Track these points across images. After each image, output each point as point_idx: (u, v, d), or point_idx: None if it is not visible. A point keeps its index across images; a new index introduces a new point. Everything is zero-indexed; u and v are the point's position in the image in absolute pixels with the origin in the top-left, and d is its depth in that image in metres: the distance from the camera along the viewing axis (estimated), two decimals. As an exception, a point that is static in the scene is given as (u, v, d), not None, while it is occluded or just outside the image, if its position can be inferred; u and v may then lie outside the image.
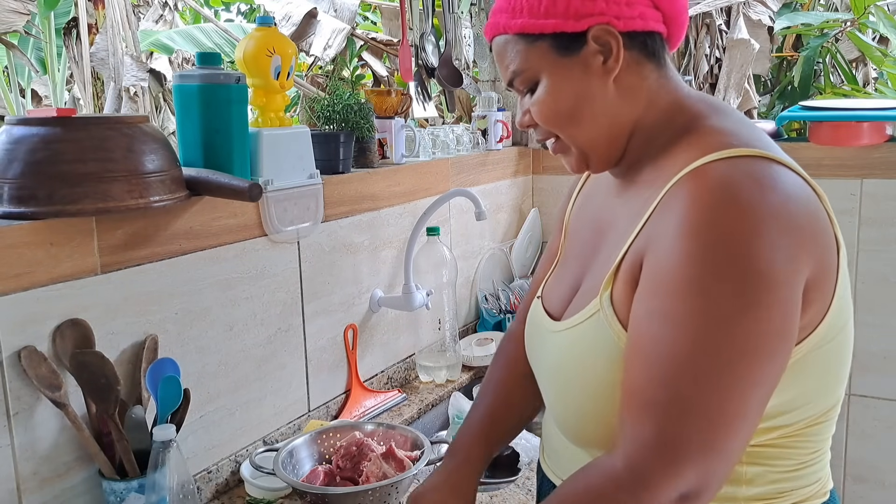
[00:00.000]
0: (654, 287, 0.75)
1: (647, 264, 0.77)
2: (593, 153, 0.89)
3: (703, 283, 0.71)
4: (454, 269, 1.86)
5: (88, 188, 1.05)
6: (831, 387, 0.83)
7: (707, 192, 0.74)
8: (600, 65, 0.83)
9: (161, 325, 1.24)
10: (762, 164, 0.76)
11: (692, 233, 0.72)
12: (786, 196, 0.74)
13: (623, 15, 0.82)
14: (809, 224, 0.75)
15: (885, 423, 2.03)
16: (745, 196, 0.72)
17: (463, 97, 2.80)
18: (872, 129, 1.93)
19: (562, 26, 0.82)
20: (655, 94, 0.86)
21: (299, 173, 1.46)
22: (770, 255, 0.70)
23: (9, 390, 1.04)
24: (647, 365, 0.74)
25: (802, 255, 0.73)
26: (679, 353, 0.71)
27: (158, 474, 1.06)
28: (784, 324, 0.72)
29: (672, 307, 0.73)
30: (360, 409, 1.65)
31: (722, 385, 0.70)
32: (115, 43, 3.64)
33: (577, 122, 0.86)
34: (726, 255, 0.71)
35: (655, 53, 0.86)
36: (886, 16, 2.73)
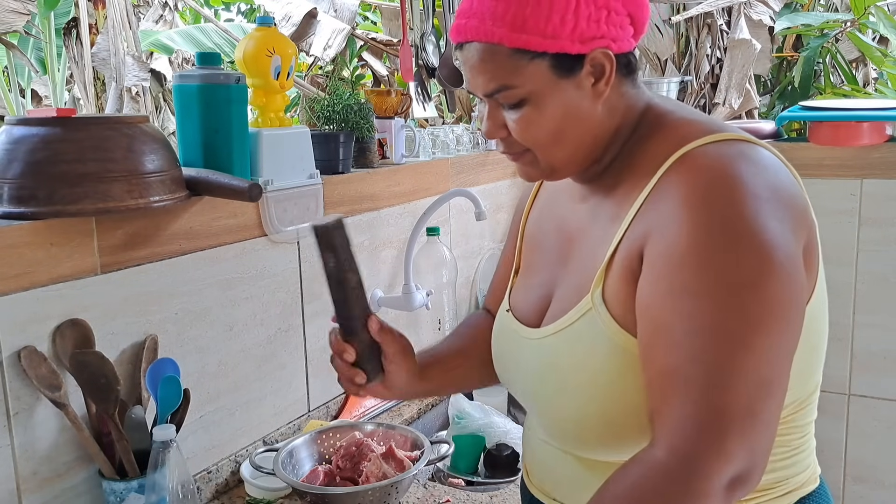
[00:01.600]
0: (668, 267, 0.74)
1: (653, 249, 0.76)
2: (564, 167, 0.88)
3: (719, 253, 0.72)
4: (454, 269, 1.86)
5: (88, 188, 1.05)
6: (812, 369, 0.85)
7: (704, 171, 0.76)
8: (590, 87, 0.82)
9: (161, 326, 1.24)
10: (746, 146, 0.79)
11: (698, 207, 0.74)
12: (775, 173, 0.78)
13: (618, 38, 0.82)
14: (799, 200, 0.78)
15: (886, 423, 2.03)
16: (741, 173, 0.75)
17: (463, 97, 2.80)
18: (872, 129, 1.93)
19: (567, 48, 0.80)
20: (630, 107, 0.87)
21: (299, 173, 1.46)
22: (775, 226, 0.72)
23: (9, 390, 1.04)
24: (674, 343, 0.72)
25: (798, 228, 0.76)
26: (707, 323, 0.71)
27: (158, 474, 1.06)
28: (796, 293, 0.74)
29: (692, 281, 0.72)
30: (359, 410, 1.65)
31: (755, 349, 0.70)
32: (117, 43, 3.63)
33: (562, 142, 0.85)
34: (736, 226, 0.72)
35: (632, 70, 0.87)
36: (887, 16, 2.73)
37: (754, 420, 0.69)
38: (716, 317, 0.71)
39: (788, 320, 0.73)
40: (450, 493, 1.34)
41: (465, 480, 1.51)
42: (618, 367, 0.79)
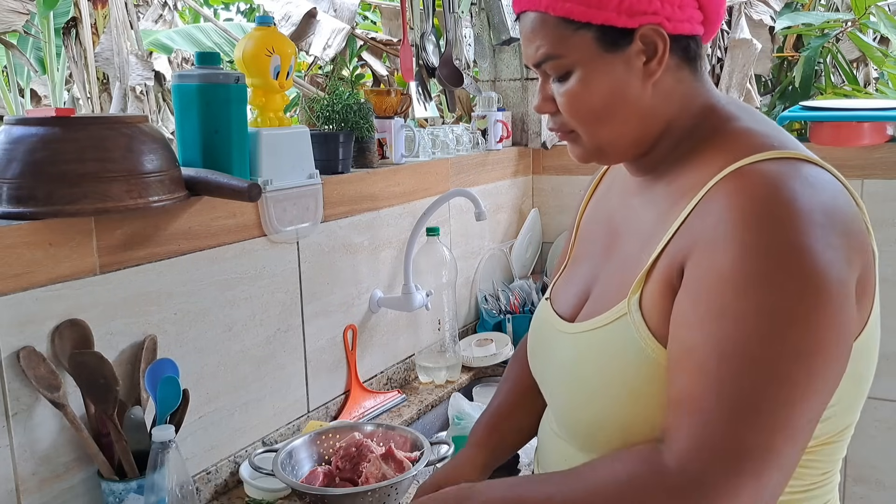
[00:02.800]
0: (708, 289, 0.71)
1: (694, 267, 0.73)
2: (612, 150, 0.86)
3: (767, 277, 0.67)
4: (454, 270, 1.86)
5: (87, 188, 1.04)
6: (852, 406, 0.80)
7: (756, 189, 0.71)
8: (641, 65, 0.80)
9: (160, 326, 1.24)
10: (804, 166, 0.74)
11: (747, 228, 0.69)
12: (833, 197, 0.72)
13: (675, 17, 0.78)
14: (856, 227, 0.73)
15: (886, 423, 2.03)
16: (796, 195, 0.70)
17: (463, 97, 2.80)
18: (873, 129, 1.93)
19: (613, 20, 0.78)
20: (689, 98, 0.83)
21: (298, 173, 1.45)
22: (828, 255, 0.68)
23: (7, 391, 1.04)
24: (706, 367, 0.69)
25: (853, 257, 0.71)
26: (745, 350, 0.67)
27: (157, 475, 1.06)
28: (844, 328, 0.69)
29: (733, 304, 0.68)
30: (359, 410, 1.64)
31: (788, 386, 0.66)
32: (120, 42, 3.64)
33: (607, 120, 0.82)
34: (787, 251, 0.68)
35: (694, 57, 0.83)
36: (887, 16, 2.73)
37: (771, 462, 0.66)
38: (752, 345, 0.67)
39: (829, 359, 0.68)
40: (450, 494, 1.34)
41: (465, 481, 1.51)
42: (645, 377, 0.77)
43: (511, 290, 2.16)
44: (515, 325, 2.08)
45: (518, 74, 2.39)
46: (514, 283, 2.21)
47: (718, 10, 0.83)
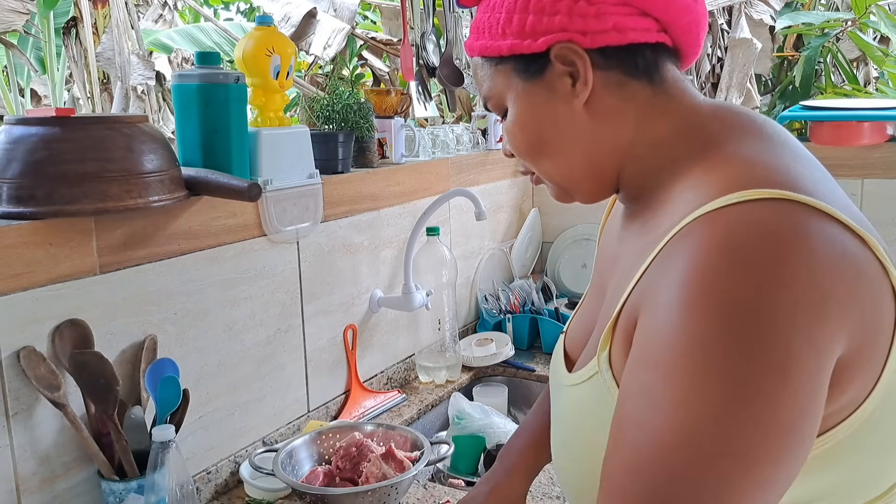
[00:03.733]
0: (644, 360, 0.62)
1: (640, 329, 0.64)
2: (573, 186, 0.79)
3: (698, 365, 0.57)
4: (454, 270, 1.86)
5: (87, 188, 1.04)
6: (886, 470, 0.67)
7: (714, 249, 0.59)
8: (569, 88, 0.73)
9: (160, 326, 1.24)
10: (787, 212, 0.60)
11: (691, 301, 0.58)
12: (813, 254, 0.58)
13: (590, 30, 0.70)
14: (846, 288, 0.59)
15: (886, 423, 2.03)
16: (756, 257, 0.57)
17: (463, 97, 2.79)
18: (873, 128, 1.93)
19: (518, 47, 0.73)
20: (648, 116, 0.74)
21: (299, 173, 1.45)
22: (785, 337, 0.56)
23: (8, 391, 1.04)
24: (624, 449, 0.61)
25: (832, 331, 0.58)
26: (655, 442, 0.58)
27: (157, 475, 1.06)
28: (796, 418, 0.57)
29: (658, 388, 0.59)
30: (359, 410, 1.65)
31: (704, 489, 0.56)
32: (122, 42, 3.64)
33: (546, 153, 0.77)
34: (727, 332, 0.56)
35: (647, 69, 0.73)
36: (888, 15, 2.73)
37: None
38: (670, 441, 0.57)
39: (774, 452, 0.56)
40: (450, 494, 1.34)
41: (465, 481, 1.51)
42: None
43: (511, 289, 2.16)
44: (515, 325, 2.08)
45: (518, 74, 2.38)
46: (514, 283, 2.21)
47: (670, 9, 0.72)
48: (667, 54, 0.75)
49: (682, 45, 0.75)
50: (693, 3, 0.73)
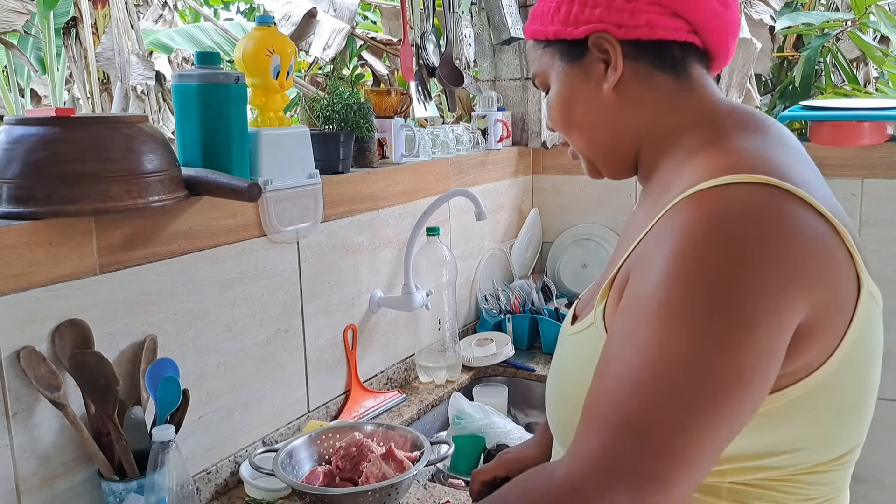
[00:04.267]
0: (631, 308, 0.72)
1: (630, 285, 0.75)
2: (598, 161, 0.90)
3: (673, 313, 0.67)
4: (454, 269, 1.86)
5: (87, 188, 1.04)
6: (837, 437, 0.77)
7: (697, 221, 0.69)
8: (601, 73, 0.83)
9: (160, 326, 1.24)
10: (767, 195, 0.69)
11: (674, 262, 0.69)
12: (786, 232, 0.68)
13: (625, 23, 0.80)
14: (812, 266, 0.68)
15: (885, 423, 2.03)
16: (736, 230, 0.68)
17: (463, 97, 2.79)
18: (873, 128, 1.93)
19: (562, 33, 0.84)
20: (668, 107, 0.83)
21: (299, 173, 1.45)
22: (751, 297, 0.66)
23: (8, 390, 1.04)
24: (605, 382, 0.71)
25: (795, 300, 0.67)
26: (635, 377, 0.68)
27: (158, 475, 1.06)
28: (754, 369, 0.66)
29: (639, 331, 0.69)
30: (359, 410, 1.65)
31: (672, 419, 0.66)
32: (121, 42, 3.64)
33: (576, 127, 0.88)
34: (703, 291, 0.67)
35: (673, 65, 0.82)
36: (887, 15, 2.73)
37: (650, 483, 0.65)
38: (646, 375, 0.67)
39: (730, 395, 0.66)
40: (450, 494, 1.34)
41: (465, 481, 1.51)
42: None
43: (511, 289, 2.16)
44: (515, 325, 2.08)
45: (518, 74, 2.39)
46: (514, 283, 2.21)
47: (702, 14, 0.81)
48: (696, 54, 0.84)
49: (711, 47, 0.84)
50: (723, 8, 0.82)
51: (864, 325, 0.74)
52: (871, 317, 0.75)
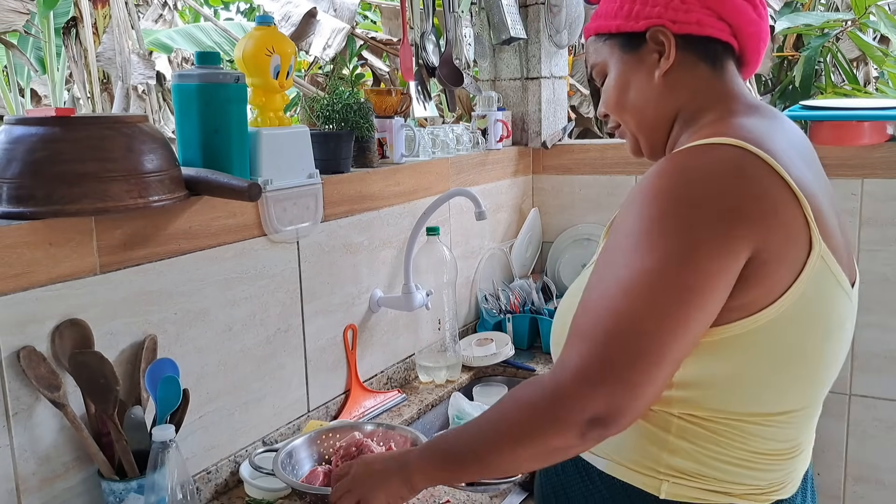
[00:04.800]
0: (609, 242, 0.87)
1: (613, 224, 0.91)
2: (641, 139, 1.03)
3: (640, 239, 0.81)
4: (454, 269, 1.86)
5: (87, 188, 1.04)
6: (774, 389, 0.88)
7: (671, 166, 0.84)
8: (655, 62, 0.96)
9: (160, 326, 1.24)
10: (735, 153, 0.83)
11: (644, 200, 0.84)
12: (740, 181, 0.81)
13: (679, 19, 0.94)
14: (759, 213, 0.81)
15: (886, 423, 2.03)
16: (696, 173, 0.82)
17: (463, 96, 2.79)
18: (873, 128, 1.93)
19: (624, 26, 0.97)
20: (702, 91, 0.96)
21: (299, 173, 1.45)
22: (706, 230, 0.79)
23: (8, 390, 1.04)
24: (585, 304, 0.85)
25: (740, 233, 0.79)
26: (609, 294, 0.81)
27: (158, 475, 1.06)
28: (705, 283, 0.79)
29: (612, 258, 0.85)
30: (359, 410, 1.65)
31: (640, 326, 0.79)
32: (122, 42, 3.64)
33: (628, 109, 1.01)
34: (661, 220, 0.81)
35: (714, 58, 0.96)
36: (887, 15, 2.73)
37: (620, 385, 0.78)
38: (613, 290, 0.81)
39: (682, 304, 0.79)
40: (450, 494, 1.34)
41: (465, 481, 1.51)
42: None
43: (511, 289, 2.16)
44: (515, 325, 2.08)
45: (518, 74, 2.39)
46: (514, 283, 2.21)
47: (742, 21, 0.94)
48: (731, 55, 0.98)
49: (745, 51, 0.98)
50: (758, 18, 0.96)
51: (815, 293, 0.84)
52: (824, 290, 0.85)
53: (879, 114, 1.91)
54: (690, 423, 0.88)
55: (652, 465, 0.91)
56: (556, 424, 0.81)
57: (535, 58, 2.36)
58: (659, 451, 0.90)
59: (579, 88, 3.91)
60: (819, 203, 0.86)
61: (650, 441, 0.90)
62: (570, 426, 0.80)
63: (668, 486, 0.90)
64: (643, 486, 0.91)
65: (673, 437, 0.89)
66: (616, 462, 0.93)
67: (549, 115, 2.43)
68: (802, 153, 0.93)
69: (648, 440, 0.91)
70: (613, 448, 0.94)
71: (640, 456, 0.91)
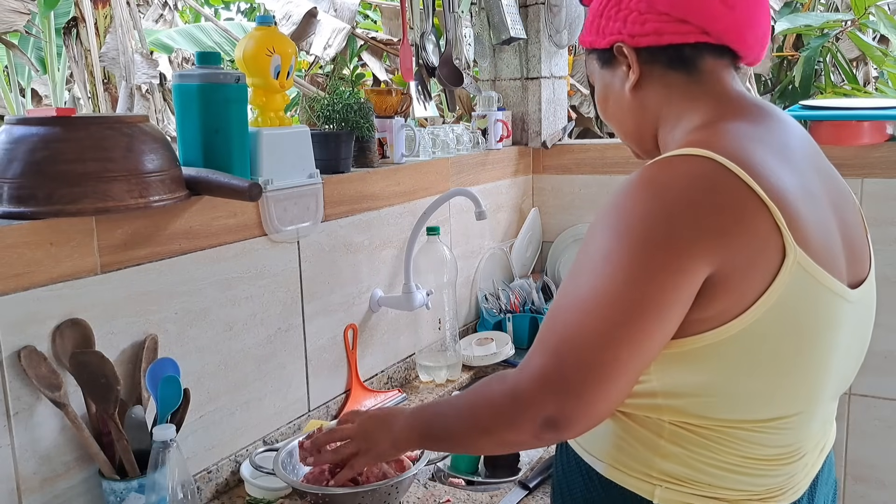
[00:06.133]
0: (578, 249, 0.90)
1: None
2: (634, 147, 1.07)
3: (598, 256, 0.84)
4: (454, 269, 1.86)
5: (88, 188, 1.05)
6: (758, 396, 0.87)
7: (637, 180, 0.85)
8: (625, 75, 0.98)
9: (161, 325, 1.24)
10: (696, 163, 0.83)
11: (604, 216, 0.86)
12: (699, 194, 0.81)
13: (636, 32, 0.94)
14: (719, 226, 0.80)
15: (886, 423, 2.03)
16: (659, 189, 0.83)
17: (463, 96, 2.80)
18: (873, 128, 1.93)
19: (595, 43, 1.01)
20: (681, 99, 0.96)
21: (299, 173, 1.46)
22: (655, 242, 0.80)
23: (9, 390, 1.04)
24: (551, 309, 0.88)
25: (700, 250, 0.80)
26: (569, 308, 0.84)
27: (158, 474, 1.06)
28: (660, 302, 0.80)
29: (575, 266, 0.87)
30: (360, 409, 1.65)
31: (594, 341, 0.80)
32: (126, 42, 3.64)
33: (612, 118, 1.06)
34: (616, 228, 0.83)
35: (686, 62, 0.95)
36: (887, 16, 2.73)
37: (573, 387, 0.81)
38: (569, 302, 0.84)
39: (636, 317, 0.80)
40: (450, 493, 1.34)
41: (466, 480, 1.51)
42: None
43: (511, 289, 2.16)
44: (516, 325, 2.08)
45: (518, 74, 2.39)
46: (514, 283, 2.21)
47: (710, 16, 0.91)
48: (711, 51, 0.94)
49: (729, 43, 0.94)
50: (728, 10, 0.91)
51: (793, 300, 0.83)
52: (806, 296, 0.84)
53: (879, 114, 1.91)
54: (682, 428, 0.89)
55: (646, 469, 0.92)
56: (512, 422, 0.85)
57: (535, 58, 2.36)
58: (652, 455, 0.91)
59: (579, 88, 3.92)
60: (799, 208, 0.84)
61: (644, 446, 0.91)
62: (525, 425, 0.84)
63: (661, 490, 0.91)
64: (638, 490, 0.92)
65: (665, 441, 0.90)
66: (613, 466, 0.95)
67: (549, 115, 2.43)
68: (791, 155, 0.90)
69: (642, 445, 0.92)
70: (610, 451, 0.95)
71: (635, 460, 0.92)
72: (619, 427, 0.93)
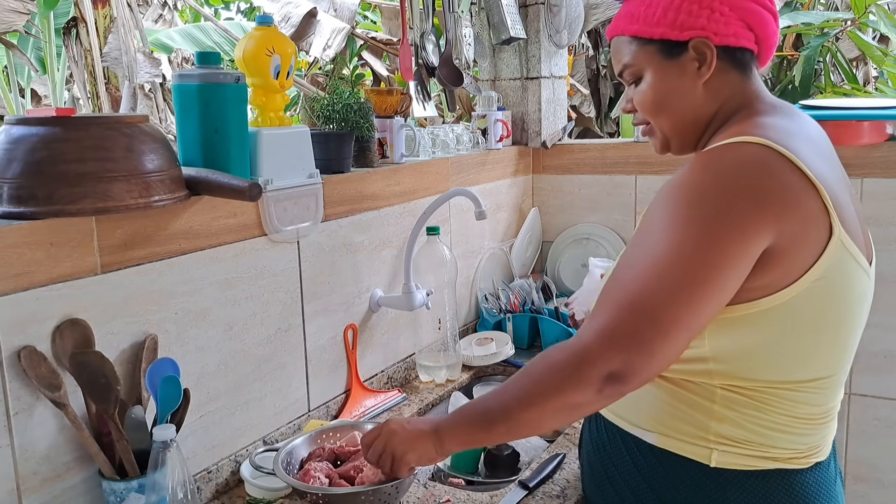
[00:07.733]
0: (640, 226, 0.98)
1: (644, 213, 1.02)
2: (674, 139, 1.10)
3: (668, 223, 0.91)
4: (454, 269, 1.86)
5: (88, 188, 1.05)
6: (804, 358, 0.97)
7: (700, 161, 0.94)
8: (695, 69, 1.03)
9: (161, 325, 1.24)
10: (759, 149, 0.92)
11: (673, 191, 0.94)
12: (763, 175, 0.90)
13: (720, 32, 1.01)
14: (781, 203, 0.90)
15: (886, 422, 2.03)
16: (724, 167, 0.92)
17: (463, 96, 2.80)
18: (873, 128, 1.93)
19: (668, 35, 1.03)
20: (733, 95, 1.05)
21: (299, 173, 1.46)
22: (722, 213, 0.89)
23: (8, 390, 1.04)
24: (615, 276, 0.94)
25: (761, 223, 0.89)
26: (637, 268, 0.91)
27: (158, 474, 1.06)
28: (723, 266, 0.88)
29: (640, 237, 0.95)
30: (360, 409, 1.65)
31: (661, 298, 0.88)
32: (128, 41, 3.64)
33: (667, 113, 1.08)
34: (687, 200, 0.91)
35: (743, 64, 1.05)
36: (887, 15, 2.73)
37: (638, 348, 0.87)
38: (640, 263, 0.92)
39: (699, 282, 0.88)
40: (450, 493, 1.34)
41: (466, 480, 1.51)
42: None
43: (511, 289, 2.16)
44: (515, 325, 2.08)
45: (518, 74, 2.39)
46: (514, 283, 2.21)
47: (766, 31, 1.04)
48: (754, 59, 1.07)
49: (762, 53, 1.07)
50: (775, 25, 1.05)
51: (835, 273, 0.93)
52: (845, 270, 0.95)
53: (879, 113, 1.91)
54: (733, 391, 0.97)
55: (702, 433, 0.99)
56: (576, 380, 0.90)
57: (535, 58, 2.36)
58: (707, 420, 0.99)
59: (579, 88, 3.92)
60: (837, 193, 0.94)
61: (698, 411, 0.99)
62: (590, 382, 0.89)
63: (717, 454, 0.99)
64: (694, 455, 1.00)
65: (718, 406, 0.98)
66: (666, 435, 1.02)
67: (549, 115, 2.43)
68: (820, 147, 1.02)
69: (696, 411, 0.99)
70: (663, 420, 1.02)
71: (691, 425, 1.00)
72: (671, 396, 1.01)
